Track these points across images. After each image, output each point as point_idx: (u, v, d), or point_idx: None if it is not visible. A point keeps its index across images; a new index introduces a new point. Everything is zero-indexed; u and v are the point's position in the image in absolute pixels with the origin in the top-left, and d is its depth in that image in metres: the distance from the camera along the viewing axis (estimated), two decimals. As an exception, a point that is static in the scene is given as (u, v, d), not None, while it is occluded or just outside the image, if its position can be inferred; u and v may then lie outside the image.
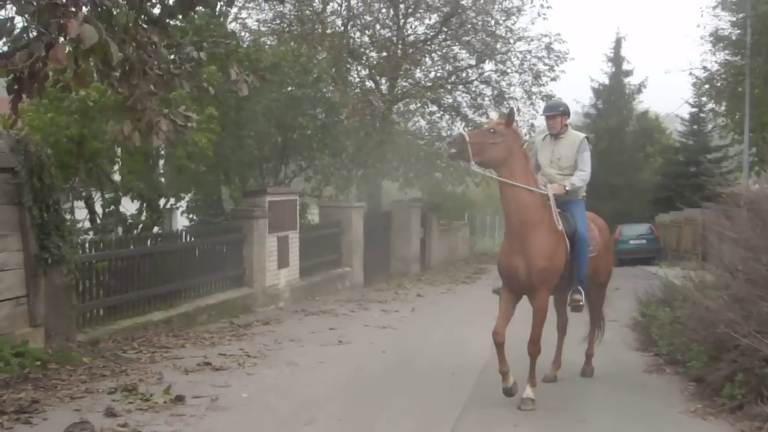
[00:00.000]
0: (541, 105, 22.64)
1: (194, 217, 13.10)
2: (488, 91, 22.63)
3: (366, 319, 10.71)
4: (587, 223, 6.26)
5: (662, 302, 8.91)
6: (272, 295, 11.75)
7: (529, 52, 21.49)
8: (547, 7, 21.23)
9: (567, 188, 6.06)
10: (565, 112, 6.44)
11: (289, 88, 12.40)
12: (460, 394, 6.14)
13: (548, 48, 21.32)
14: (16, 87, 5.01)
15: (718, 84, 20.37)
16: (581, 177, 6.22)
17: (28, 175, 6.83)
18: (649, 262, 21.80)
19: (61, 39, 4.40)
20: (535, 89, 21.91)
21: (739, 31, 18.97)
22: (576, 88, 26.67)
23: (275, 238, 11.89)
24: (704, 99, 24.07)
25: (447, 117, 22.86)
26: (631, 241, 23.27)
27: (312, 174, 14.90)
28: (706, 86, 21.30)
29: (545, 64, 21.39)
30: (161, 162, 10.45)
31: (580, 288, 6.10)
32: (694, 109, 26.72)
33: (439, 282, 17.15)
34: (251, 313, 10.80)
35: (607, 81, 30.40)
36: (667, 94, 28.87)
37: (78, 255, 7.60)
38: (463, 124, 22.76)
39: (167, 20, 5.58)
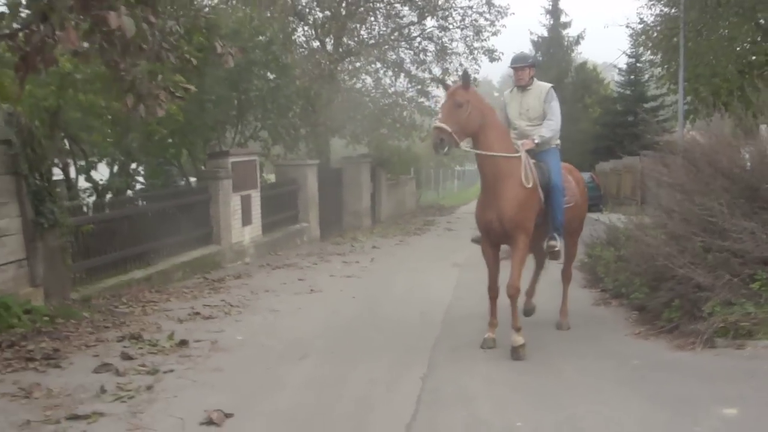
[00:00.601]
0: (483, 59, 23.54)
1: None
2: (431, 47, 23.29)
3: (330, 270, 11.50)
4: (564, 175, 6.44)
5: (606, 244, 9.90)
6: (238, 252, 12.41)
7: (471, 7, 22.18)
8: None
9: (536, 141, 6.20)
10: (533, 64, 6.53)
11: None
12: (431, 330, 7.03)
13: (489, 3, 22.04)
14: (21, 63, 5.50)
15: (654, 35, 21.44)
16: (550, 127, 6.33)
17: (22, 145, 7.28)
18: (591, 209, 23.19)
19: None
20: (477, 44, 22.66)
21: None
22: (516, 41, 27.46)
23: (239, 197, 12.49)
24: (641, 50, 25.08)
25: (390, 73, 23.53)
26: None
27: (266, 135, 15.42)
28: (643, 37, 22.37)
29: (486, 20, 22.14)
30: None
31: (555, 235, 6.29)
32: (631, 60, 27.86)
33: (391, 234, 18.03)
34: (221, 269, 11.43)
35: (545, 33, 31.41)
36: (606, 46, 30.13)
37: (69, 219, 8.08)
38: (407, 80, 23.50)
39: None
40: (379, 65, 22.97)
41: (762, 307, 6.02)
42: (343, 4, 20.98)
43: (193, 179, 12.76)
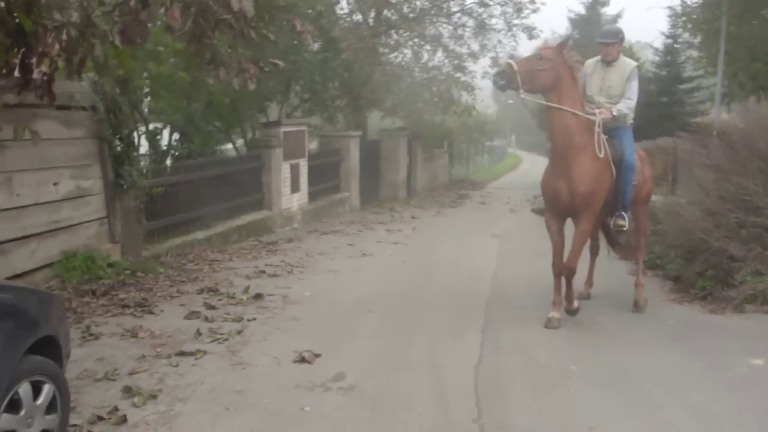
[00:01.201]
0: (521, 36, 23.69)
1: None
2: (470, 23, 23.54)
3: (375, 237, 12.12)
4: (635, 150, 6.38)
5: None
6: (288, 217, 13.08)
7: (513, -14, 22.28)
8: None
9: (614, 113, 6.10)
10: (622, 40, 6.39)
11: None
12: (483, 292, 7.64)
13: (530, -19, 22.14)
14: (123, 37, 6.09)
15: (695, 17, 21.44)
16: (628, 105, 6.26)
17: (106, 112, 7.93)
18: None
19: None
20: (516, 21, 22.82)
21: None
22: (553, 18, 27.54)
23: (288, 166, 13.12)
24: (680, 31, 24.96)
25: (429, 48, 23.83)
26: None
27: (310, 107, 16.00)
28: (684, 19, 22.39)
29: (527, -3, 22.23)
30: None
31: (623, 214, 6.22)
32: (668, 40, 27.70)
33: (427, 206, 18.60)
34: (272, 233, 12.10)
35: (583, 11, 31.37)
36: (643, 26, 29.68)
37: (144, 181, 8.77)
38: (444, 54, 23.80)
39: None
40: (417, 39, 23.28)
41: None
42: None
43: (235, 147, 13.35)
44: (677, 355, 5.21)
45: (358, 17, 21.54)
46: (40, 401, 3.35)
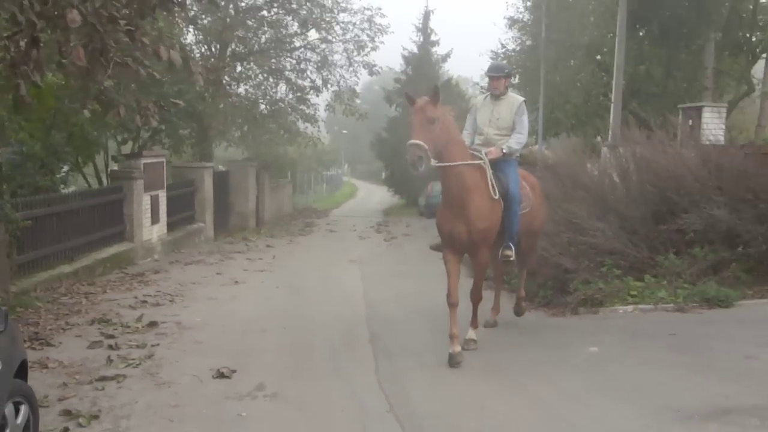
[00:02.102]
0: (362, 72, 25.20)
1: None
2: (313, 57, 24.63)
3: (239, 266, 12.55)
4: (519, 181, 6.54)
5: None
6: (148, 249, 13.13)
7: (353, 23, 23.71)
8: None
9: (504, 151, 6.32)
10: (509, 74, 6.67)
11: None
12: (360, 309, 8.50)
13: (370, 21, 23.70)
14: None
15: (516, 60, 24.15)
16: (518, 140, 6.48)
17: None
18: None
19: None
20: (357, 58, 24.26)
21: (531, 16, 22.83)
22: (390, 54, 29.37)
23: (149, 197, 13.21)
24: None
25: (272, 80, 24.53)
26: (441, 196, 26.70)
27: (165, 138, 16.12)
28: (505, 62, 25.17)
29: (367, 36, 23.77)
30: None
31: (510, 244, 6.39)
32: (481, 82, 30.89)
33: (279, 235, 19.17)
34: (135, 265, 12.12)
35: (416, 50, 33.78)
36: (473, 66, 32.18)
37: (15, 214, 8.65)
38: (288, 87, 24.60)
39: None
40: (259, 72, 23.88)
41: (609, 284, 8.11)
42: (231, 10, 21.72)
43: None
44: (535, 349, 6.39)
45: (204, 48, 21.84)
46: (19, 420, 3.68)
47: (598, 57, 19.73)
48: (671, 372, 5.55)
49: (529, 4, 23.44)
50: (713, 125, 11.55)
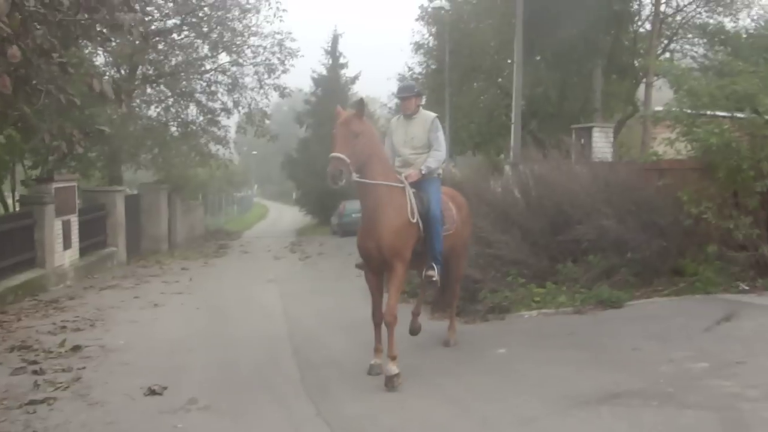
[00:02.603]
0: (273, 94, 25.49)
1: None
2: (223, 80, 24.70)
3: (156, 289, 12.56)
4: (445, 202, 6.51)
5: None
6: (61, 275, 12.91)
7: (264, 47, 23.99)
8: (283, 11, 23.74)
9: (423, 171, 6.30)
10: (419, 94, 6.66)
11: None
12: (281, 326, 8.80)
13: (280, 45, 24.06)
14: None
15: (422, 82, 25.13)
16: (436, 158, 6.45)
17: None
18: None
19: None
20: (268, 80, 24.53)
21: (435, 42, 23.89)
22: (301, 76, 29.83)
23: (60, 222, 13.02)
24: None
25: (181, 102, 24.39)
26: (354, 215, 27.06)
27: (71, 162, 15.85)
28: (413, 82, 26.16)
29: (278, 59, 24.09)
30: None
31: (433, 264, 6.31)
32: (398, 101, 31.86)
33: (193, 258, 19.12)
34: (48, 292, 11.93)
35: (325, 72, 34.45)
36: (380, 87, 33.27)
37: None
38: (198, 109, 24.54)
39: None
40: (170, 94, 23.74)
41: (514, 292, 8.80)
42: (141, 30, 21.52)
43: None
44: (449, 353, 6.92)
45: (112, 71, 21.51)
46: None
47: (499, 80, 20.91)
48: (570, 366, 6.19)
49: (433, 30, 24.53)
50: (602, 144, 12.62)
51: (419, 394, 5.66)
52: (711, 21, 21.26)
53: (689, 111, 9.45)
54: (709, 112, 9.61)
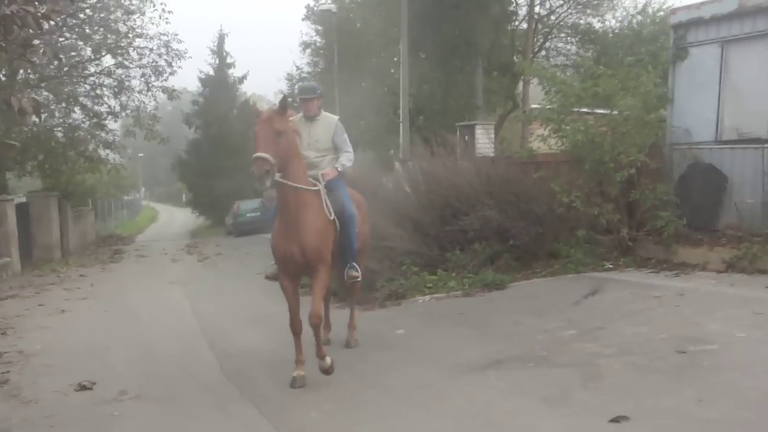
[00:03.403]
0: (161, 97, 25.27)
1: None
2: (109, 82, 24.23)
3: (59, 296, 12.56)
4: (351, 200, 6.51)
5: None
6: (-47, 288, 12.62)
7: (150, 49, 23.75)
8: (168, 12, 23.27)
9: (339, 170, 6.36)
10: (321, 95, 6.55)
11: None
12: (192, 324, 9.24)
13: (167, 46, 23.90)
14: None
15: (310, 80, 25.71)
16: (348, 158, 6.52)
17: None
18: (264, 231, 26.00)
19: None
20: (156, 83, 24.31)
21: (323, 41, 24.53)
22: (187, 76, 29.53)
23: (-50, 235, 12.72)
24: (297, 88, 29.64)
25: (63, 106, 23.71)
26: (248, 214, 27.22)
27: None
28: (299, 82, 26.56)
29: (165, 61, 23.92)
30: None
31: (354, 264, 6.39)
32: (289, 99, 32.24)
33: (89, 264, 18.87)
34: (-59, 305, 11.69)
35: (212, 72, 34.21)
36: (268, 86, 33.50)
37: None
38: (83, 113, 23.94)
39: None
40: (53, 99, 23.04)
41: (409, 280, 9.67)
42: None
43: None
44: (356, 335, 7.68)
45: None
46: None
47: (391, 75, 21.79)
48: (460, 340, 7.07)
49: (320, 29, 25.19)
50: (484, 140, 13.77)
51: (342, 378, 6.31)
52: (581, 22, 23.24)
53: (559, 109, 10.54)
54: (576, 109, 10.78)
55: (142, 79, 24.31)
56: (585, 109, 10.97)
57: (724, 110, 9.40)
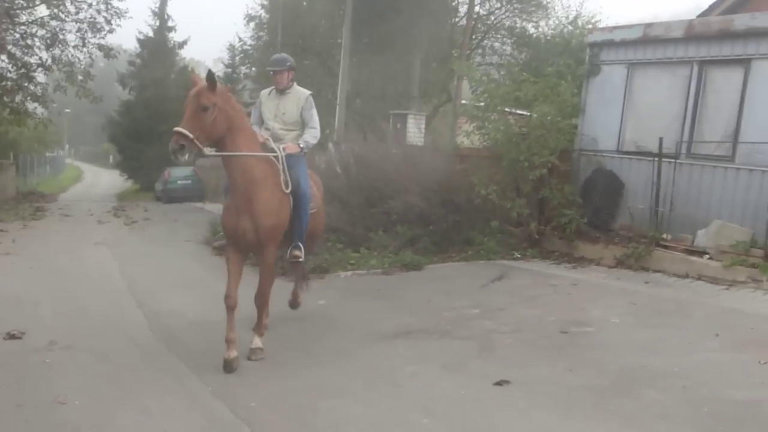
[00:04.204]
0: (97, 54, 24.77)
1: None
2: (42, 33, 23.58)
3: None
4: (308, 179, 6.34)
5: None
6: None
7: (89, 4, 23.26)
8: None
9: (302, 146, 6.17)
10: (292, 67, 6.32)
11: None
12: (120, 283, 9.55)
13: (107, 3, 23.47)
14: None
15: (251, 53, 25.76)
16: (313, 134, 6.31)
17: None
18: (193, 199, 26.13)
19: None
20: (93, 40, 23.83)
21: (267, 16, 24.63)
22: (125, 36, 28.95)
23: None
24: (237, 62, 29.42)
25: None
26: (179, 182, 27.07)
27: None
28: (242, 55, 26.60)
29: (104, 18, 23.48)
30: None
31: (300, 244, 6.27)
32: (228, 70, 32.05)
33: (9, 220, 18.45)
34: None
35: (152, 34, 33.58)
36: (210, 51, 33.08)
37: None
38: (10, 62, 23.24)
39: None
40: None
41: (333, 255, 10.29)
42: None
43: None
44: (282, 304, 8.13)
45: None
46: None
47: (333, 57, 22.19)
48: (375, 313, 7.73)
49: (266, 3, 25.29)
50: (415, 130, 14.46)
51: (276, 352, 6.87)
52: (517, 25, 24.22)
53: (484, 106, 11.29)
54: (500, 108, 11.56)
55: (78, 33, 23.81)
56: (508, 109, 11.78)
57: (626, 124, 10.39)
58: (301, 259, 6.36)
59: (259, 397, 5.12)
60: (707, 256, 8.77)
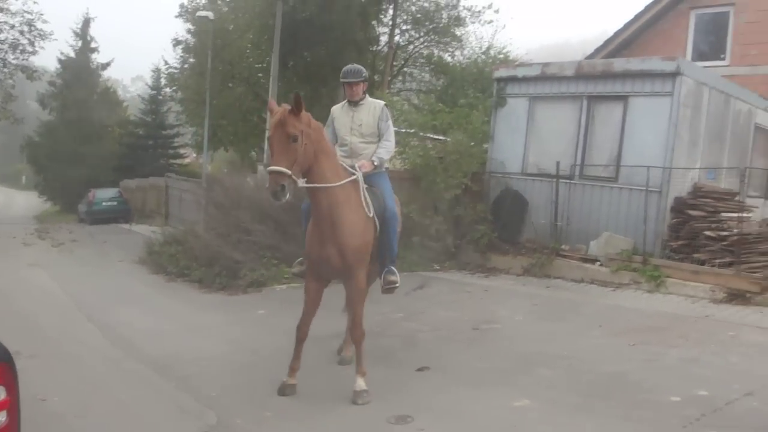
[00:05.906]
0: (19, 75, 24.62)
1: None
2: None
3: None
4: (394, 196, 6.00)
5: (167, 243, 13.80)
6: None
7: (12, 25, 23.19)
8: None
9: (375, 163, 5.77)
10: (366, 79, 5.99)
11: None
12: (67, 303, 10.07)
13: (30, 24, 23.43)
14: None
15: (177, 78, 26.07)
16: (387, 149, 5.94)
17: None
18: (119, 220, 26.17)
19: None
20: (14, 60, 23.73)
21: (194, 39, 25.11)
22: (46, 56, 28.69)
23: None
24: (163, 84, 29.68)
25: None
26: (104, 203, 27.03)
27: None
28: (166, 75, 26.84)
29: (27, 40, 23.45)
30: None
31: (393, 268, 5.88)
32: (153, 92, 32.25)
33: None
34: None
35: (73, 55, 33.35)
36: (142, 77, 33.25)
37: None
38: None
39: None
40: None
41: (269, 270, 11.08)
42: None
43: None
44: (226, 315, 8.99)
45: None
46: None
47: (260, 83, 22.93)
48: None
49: (192, 29, 25.81)
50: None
51: (204, 336, 7.70)
52: (435, 54, 25.75)
53: (404, 133, 12.43)
54: (420, 135, 12.76)
55: (-1, 54, 23.68)
56: (427, 135, 12.99)
57: (529, 149, 11.73)
58: (397, 285, 5.92)
59: (218, 389, 5.95)
60: (598, 263, 10.15)
